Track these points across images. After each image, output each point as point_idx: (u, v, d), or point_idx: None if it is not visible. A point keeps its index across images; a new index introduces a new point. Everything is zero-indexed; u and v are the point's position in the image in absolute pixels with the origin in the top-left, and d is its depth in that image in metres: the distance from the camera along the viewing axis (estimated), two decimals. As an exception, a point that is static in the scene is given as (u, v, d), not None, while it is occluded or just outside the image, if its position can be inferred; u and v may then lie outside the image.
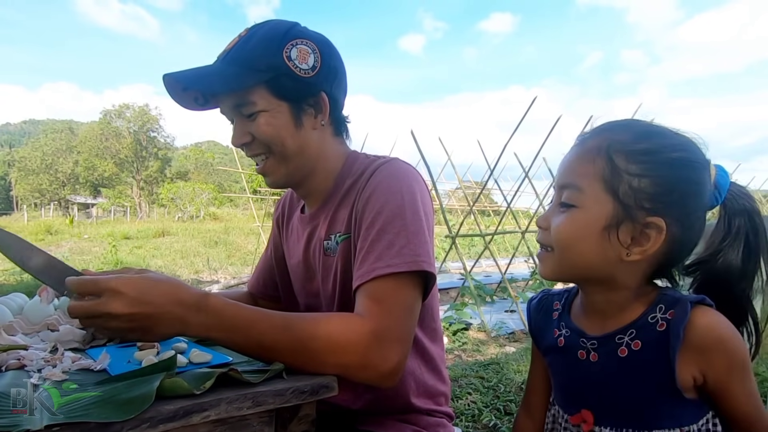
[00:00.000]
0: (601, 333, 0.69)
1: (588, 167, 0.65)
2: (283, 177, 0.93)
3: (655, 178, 0.62)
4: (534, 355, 0.84)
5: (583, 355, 0.71)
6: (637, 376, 0.65)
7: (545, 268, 0.70)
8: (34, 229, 17.31)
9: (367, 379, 0.74)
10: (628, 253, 0.64)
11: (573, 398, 0.73)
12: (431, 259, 0.81)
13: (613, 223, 0.63)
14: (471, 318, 4.71)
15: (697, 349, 0.61)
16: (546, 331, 0.78)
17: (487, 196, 14.26)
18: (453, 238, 4.99)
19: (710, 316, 0.62)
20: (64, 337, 0.82)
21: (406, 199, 0.83)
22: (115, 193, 38.93)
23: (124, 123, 41.38)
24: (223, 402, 0.59)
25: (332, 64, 0.91)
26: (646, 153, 0.63)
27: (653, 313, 0.65)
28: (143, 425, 0.53)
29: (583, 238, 0.65)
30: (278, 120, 0.88)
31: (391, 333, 0.74)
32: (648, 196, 0.62)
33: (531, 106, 4.81)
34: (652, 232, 0.63)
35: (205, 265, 10.35)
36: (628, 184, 0.63)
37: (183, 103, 0.93)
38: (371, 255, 0.79)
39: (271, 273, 1.14)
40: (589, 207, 0.65)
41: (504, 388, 2.85)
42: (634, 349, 0.65)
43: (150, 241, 14.28)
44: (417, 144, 4.90)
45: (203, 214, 25.21)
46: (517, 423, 0.87)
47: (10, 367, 0.68)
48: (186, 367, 0.70)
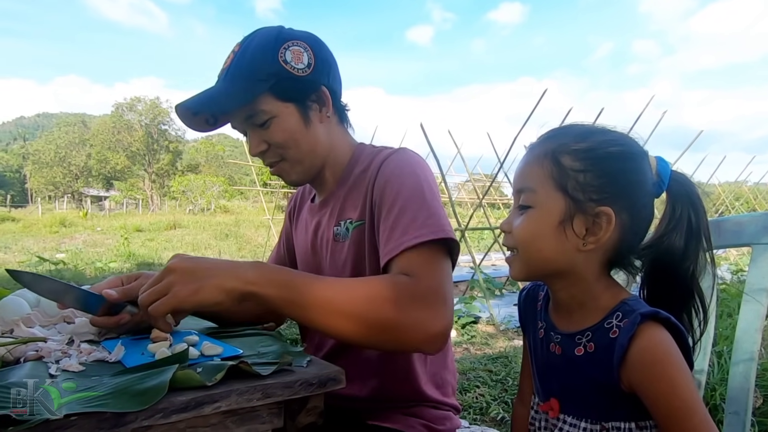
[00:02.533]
0: (566, 330, 0.73)
1: (538, 170, 0.71)
2: (299, 175, 0.98)
3: (597, 171, 0.68)
4: (525, 345, 0.87)
5: (552, 348, 0.75)
6: (588, 376, 0.69)
7: (514, 269, 0.74)
8: (49, 221, 17.55)
9: (419, 341, 0.73)
10: (584, 243, 0.69)
11: (544, 387, 0.77)
12: (453, 231, 0.83)
13: (567, 217, 0.69)
14: (480, 311, 4.71)
15: (632, 363, 0.63)
16: (531, 321, 0.82)
17: (496, 189, 14.18)
18: (462, 232, 4.98)
19: (653, 335, 0.63)
20: (79, 329, 0.84)
21: (422, 179, 0.88)
22: (127, 185, 39.34)
23: (135, 116, 41.74)
24: (234, 393, 0.60)
25: (324, 57, 0.94)
26: (586, 150, 0.69)
27: (610, 320, 0.68)
28: (156, 415, 0.55)
29: (541, 234, 0.70)
30: (289, 123, 0.92)
31: (437, 293, 0.75)
32: (594, 189, 0.68)
33: (541, 99, 4.77)
34: (602, 221, 0.67)
35: (216, 257, 10.44)
36: (575, 180, 0.68)
37: (196, 127, 0.96)
38: (396, 231, 0.81)
39: (283, 264, 1.16)
40: (544, 205, 0.70)
41: (512, 382, 2.86)
42: (589, 351, 0.69)
43: (162, 234, 14.43)
44: (426, 137, 4.89)
45: (214, 206, 25.39)
46: (514, 411, 0.91)
47: (29, 358, 0.70)
48: (198, 359, 0.71)
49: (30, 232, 15.66)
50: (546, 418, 0.76)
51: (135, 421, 0.54)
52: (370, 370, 0.92)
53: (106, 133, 41.26)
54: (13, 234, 14.84)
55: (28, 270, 4.61)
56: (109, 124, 41.64)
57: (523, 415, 0.86)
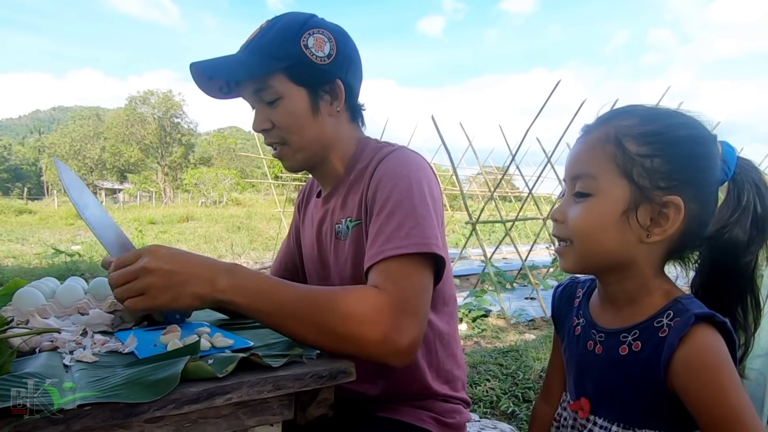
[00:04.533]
0: (610, 327, 0.69)
1: (599, 155, 0.66)
2: (299, 162, 0.98)
3: (666, 157, 0.63)
4: (555, 342, 0.84)
5: (591, 346, 0.71)
6: (631, 376, 0.65)
7: (567, 261, 0.70)
8: (65, 213, 17.82)
9: (384, 354, 0.73)
10: (649, 235, 0.64)
11: (576, 386, 0.74)
12: (440, 243, 0.81)
13: (632, 206, 0.64)
14: (491, 305, 4.70)
15: (680, 365, 0.60)
16: (566, 317, 0.79)
17: (508, 182, 14.09)
18: (473, 224, 4.96)
19: (706, 338, 0.60)
20: (93, 320, 0.85)
21: (414, 184, 0.85)
22: (141, 178, 39.76)
23: (148, 109, 42.07)
24: (245, 385, 0.61)
25: (347, 53, 0.94)
26: (654, 134, 0.64)
27: (660, 318, 0.64)
28: (169, 406, 0.56)
29: (603, 225, 0.65)
30: (297, 107, 0.92)
31: (406, 306, 0.74)
32: (662, 176, 0.63)
33: (554, 90, 4.71)
34: (670, 212, 0.63)
35: (228, 250, 10.54)
36: (642, 166, 0.63)
37: (208, 91, 0.97)
38: (380, 237, 0.81)
39: (292, 257, 1.17)
40: (606, 193, 0.65)
41: (523, 375, 2.85)
42: (634, 350, 0.65)
43: (175, 226, 14.58)
44: (438, 129, 4.86)
45: (226, 199, 25.56)
46: (535, 409, 0.87)
47: (44, 348, 0.71)
48: (209, 350, 0.72)
49: (46, 224, 15.94)
50: (575, 417, 0.73)
51: (148, 411, 0.55)
52: (379, 369, 0.91)
53: (120, 126, 41.67)
54: (30, 226, 15.12)
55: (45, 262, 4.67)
56: (123, 117, 42.04)
57: (546, 414, 0.83)
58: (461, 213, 7.66)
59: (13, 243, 10.82)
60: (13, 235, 12.26)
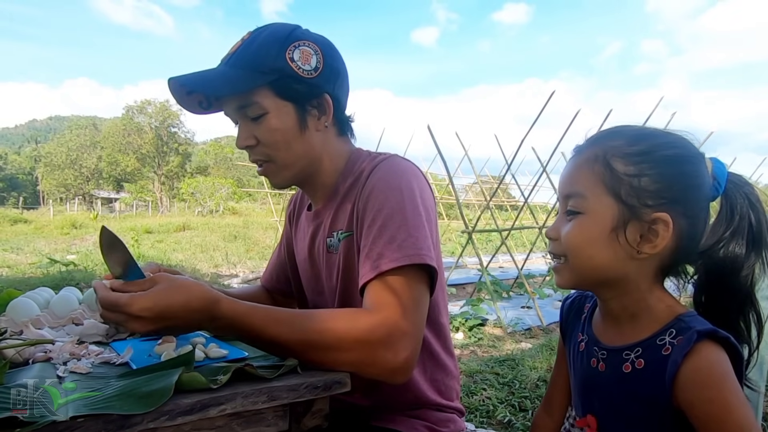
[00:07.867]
0: (612, 344, 0.70)
1: (588, 174, 0.68)
2: (285, 179, 0.95)
3: (653, 176, 0.64)
4: (560, 353, 0.84)
5: (594, 363, 0.72)
6: (636, 394, 0.65)
7: (561, 278, 0.71)
8: (60, 223, 17.74)
9: (378, 375, 0.75)
10: (639, 252, 0.65)
11: (582, 402, 0.74)
12: (433, 253, 0.81)
13: (620, 224, 0.65)
14: (487, 313, 4.69)
15: (684, 382, 0.60)
16: (573, 331, 0.79)
17: (504, 191, 14.13)
18: (470, 233, 4.97)
19: (709, 354, 0.60)
20: (88, 330, 0.85)
21: (405, 195, 0.84)
22: (137, 187, 39.64)
23: (145, 119, 42.09)
24: (239, 396, 0.61)
25: (334, 65, 0.91)
26: (641, 154, 0.65)
27: (662, 336, 0.64)
28: (162, 418, 0.56)
29: (593, 242, 0.66)
30: (284, 123, 0.88)
31: (400, 328, 0.74)
32: (650, 194, 0.64)
33: (549, 100, 4.75)
34: (659, 228, 0.64)
35: (225, 259, 10.49)
36: (630, 185, 0.65)
37: (187, 107, 0.93)
38: (373, 252, 0.80)
39: (284, 268, 1.16)
40: (595, 211, 0.67)
41: (519, 385, 2.84)
42: (638, 368, 0.65)
43: (171, 236, 14.52)
44: (434, 139, 4.88)
45: (222, 208, 25.50)
46: (535, 420, 0.87)
47: (37, 359, 0.71)
48: (203, 361, 0.72)
49: (42, 233, 15.84)
50: None
51: (141, 423, 0.54)
52: (372, 381, 0.91)
53: (117, 135, 41.62)
54: (26, 235, 15.02)
55: (40, 271, 4.62)
56: (120, 126, 42.02)
57: (546, 425, 0.83)
58: (457, 222, 7.68)
59: (8, 252, 10.74)
60: (7, 244, 12.18)
